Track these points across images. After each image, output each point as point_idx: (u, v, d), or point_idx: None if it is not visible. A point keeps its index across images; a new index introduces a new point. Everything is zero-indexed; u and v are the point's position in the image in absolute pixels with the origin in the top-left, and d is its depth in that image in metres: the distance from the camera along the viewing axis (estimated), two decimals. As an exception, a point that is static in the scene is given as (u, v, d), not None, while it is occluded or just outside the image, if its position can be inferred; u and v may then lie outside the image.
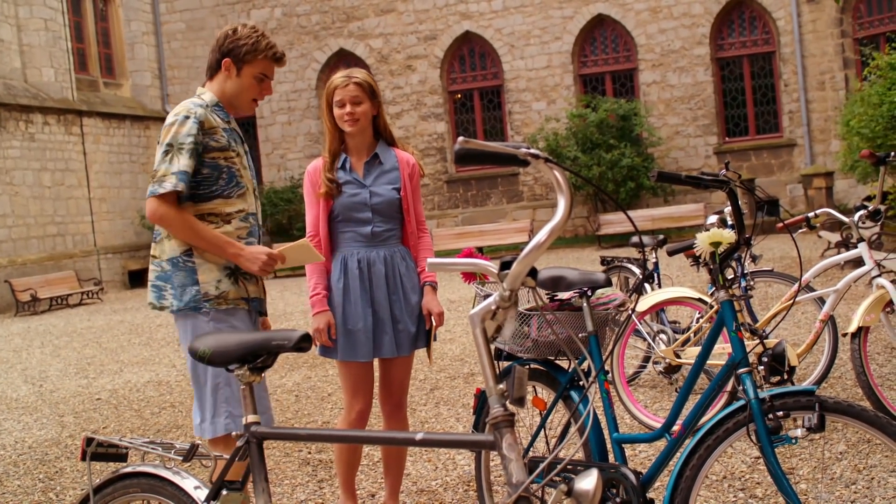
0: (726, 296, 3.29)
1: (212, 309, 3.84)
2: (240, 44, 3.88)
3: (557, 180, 1.99)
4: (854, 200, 20.40)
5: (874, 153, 5.62)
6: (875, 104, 13.57)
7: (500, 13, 24.71)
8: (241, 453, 2.53)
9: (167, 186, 3.71)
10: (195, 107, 3.84)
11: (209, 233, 3.81)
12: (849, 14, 22.35)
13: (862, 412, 2.97)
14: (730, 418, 3.09)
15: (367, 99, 4.37)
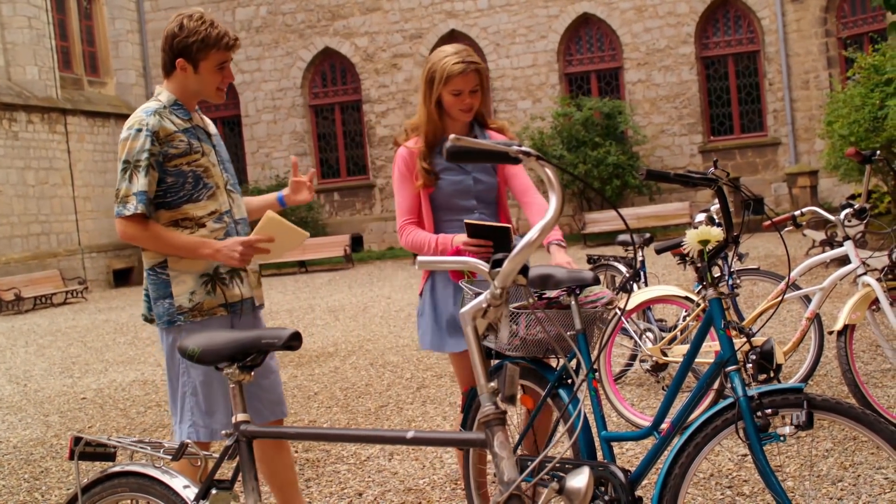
0: (715, 294, 3.29)
1: (186, 322, 3.81)
2: (189, 41, 3.74)
3: (549, 178, 1.99)
4: (838, 199, 20.51)
5: (860, 151, 5.65)
6: (857, 106, 13.63)
7: (485, 12, 24.71)
8: (230, 452, 2.52)
9: (130, 209, 3.68)
10: (147, 116, 3.76)
11: (180, 240, 3.77)
12: (833, 14, 22.44)
13: (850, 409, 2.98)
14: (718, 416, 3.10)
15: (481, 84, 4.14)
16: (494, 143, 2.00)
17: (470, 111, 4.13)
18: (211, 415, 3.84)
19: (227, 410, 3.83)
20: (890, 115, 12.18)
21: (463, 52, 4.09)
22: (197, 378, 3.82)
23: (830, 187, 21.61)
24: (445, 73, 4.05)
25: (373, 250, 25.19)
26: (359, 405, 7.53)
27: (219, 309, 3.85)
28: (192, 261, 3.82)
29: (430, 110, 4.15)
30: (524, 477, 2.01)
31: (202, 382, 3.83)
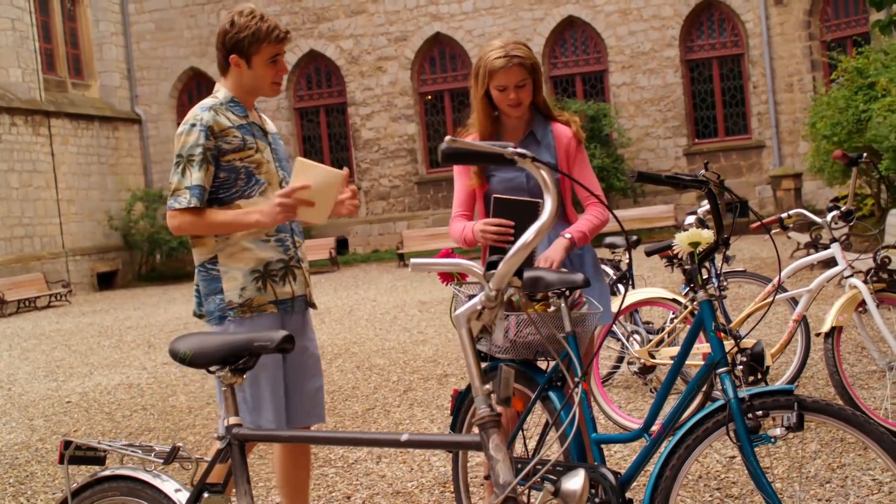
0: (705, 296, 3.29)
1: (237, 317, 3.80)
2: (241, 37, 3.77)
3: (544, 179, 1.98)
4: (822, 201, 20.58)
5: (846, 154, 5.67)
6: (841, 108, 13.69)
7: (470, 15, 24.72)
8: (222, 455, 2.51)
9: (182, 202, 3.71)
10: (202, 112, 3.79)
11: (226, 216, 3.77)
12: (816, 17, 22.53)
13: (840, 411, 2.99)
14: (709, 418, 3.10)
15: (530, 77, 3.99)
16: (490, 144, 2.00)
17: (518, 106, 4.01)
18: (258, 412, 3.81)
19: (273, 407, 3.82)
20: (873, 117, 12.23)
21: (509, 46, 3.98)
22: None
23: (814, 190, 21.69)
24: (488, 67, 3.97)
25: (358, 253, 25.17)
26: (346, 408, 7.52)
27: (269, 306, 3.85)
28: (243, 256, 3.83)
29: (479, 106, 4.08)
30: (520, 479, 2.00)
31: (248, 379, 3.76)
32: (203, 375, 9.60)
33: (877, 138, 11.17)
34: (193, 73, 26.21)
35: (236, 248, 3.83)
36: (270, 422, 3.77)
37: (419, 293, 15.53)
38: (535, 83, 4.03)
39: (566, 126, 4.14)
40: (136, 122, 26.11)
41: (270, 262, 3.86)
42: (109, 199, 24.50)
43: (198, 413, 7.90)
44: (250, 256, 3.83)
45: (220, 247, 3.83)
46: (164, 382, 9.52)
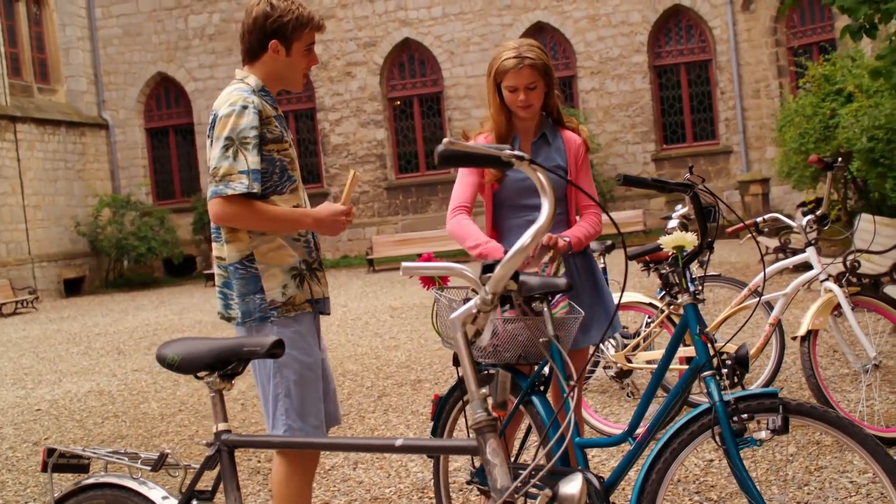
0: (690, 299, 3.29)
1: (280, 317, 3.61)
2: (284, 21, 3.54)
3: (540, 182, 1.98)
4: (789, 206, 20.75)
5: (822, 159, 5.71)
6: (808, 115, 13.80)
7: (439, 20, 24.74)
8: (211, 462, 2.48)
9: (237, 187, 3.44)
10: (249, 95, 3.54)
11: (281, 213, 3.58)
12: (783, 23, 22.72)
13: (825, 414, 3.01)
14: (695, 421, 3.10)
15: (541, 79, 3.95)
16: (486, 146, 1.99)
17: (528, 108, 3.97)
18: (304, 418, 3.61)
19: (318, 412, 3.66)
20: (841, 123, 12.33)
21: (523, 47, 3.94)
22: (290, 378, 3.59)
23: (781, 195, 21.85)
24: (498, 67, 3.93)
25: (327, 259, 25.08)
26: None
27: (306, 304, 3.67)
28: (280, 255, 3.63)
29: (493, 106, 4.03)
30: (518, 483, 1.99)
31: (296, 382, 3.60)
32: (174, 382, 9.54)
33: (849, 141, 11.26)
34: (161, 78, 26.05)
35: (273, 245, 3.62)
36: (316, 427, 3.61)
37: (389, 298, 15.50)
38: (549, 86, 4.00)
39: (575, 133, 4.17)
40: (104, 127, 25.90)
41: (303, 260, 3.70)
42: (76, 204, 24.30)
43: (170, 420, 7.84)
44: (286, 254, 3.64)
45: (255, 243, 3.61)
46: (135, 389, 9.44)
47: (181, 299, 19.74)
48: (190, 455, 6.62)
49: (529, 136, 4.10)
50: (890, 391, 6.30)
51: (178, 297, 20.54)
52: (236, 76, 3.74)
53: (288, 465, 3.61)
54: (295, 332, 3.63)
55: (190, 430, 7.38)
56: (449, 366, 8.94)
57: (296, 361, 3.60)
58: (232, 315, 3.69)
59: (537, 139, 4.10)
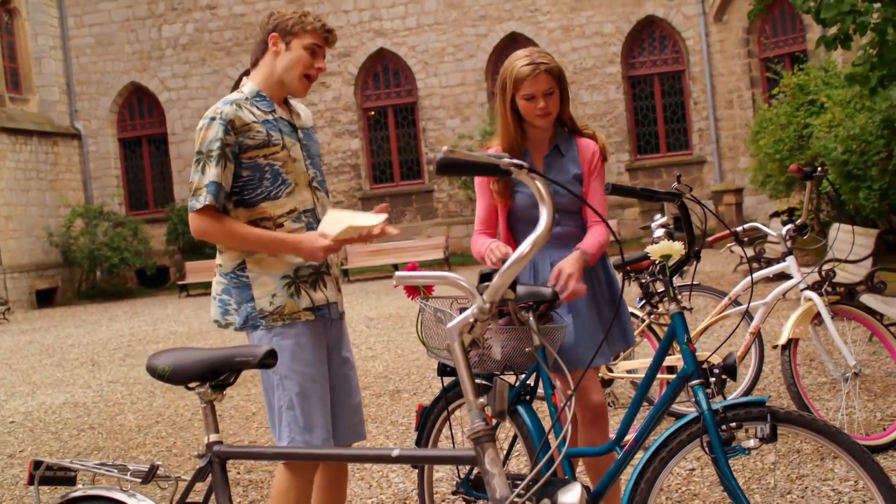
0: (678, 308, 3.28)
1: (268, 325, 3.60)
2: (285, 18, 3.62)
3: (539, 191, 1.97)
4: (763, 216, 20.88)
5: (801, 168, 5.74)
6: (783, 124, 13.89)
7: (414, 30, 24.77)
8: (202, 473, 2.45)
9: (201, 201, 3.49)
10: (223, 106, 3.56)
11: (257, 235, 3.57)
12: (755, 35, 22.89)
13: (813, 422, 3.01)
14: (683, 430, 3.09)
15: (557, 86, 3.84)
16: (486, 155, 1.98)
17: (547, 116, 3.86)
18: (310, 430, 3.56)
19: (324, 424, 3.60)
20: (814, 133, 12.42)
21: (534, 54, 3.85)
22: (293, 390, 3.57)
23: (755, 205, 21.98)
24: (514, 76, 3.82)
25: (302, 269, 25.00)
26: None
27: (304, 313, 3.63)
28: (273, 262, 3.62)
29: (505, 119, 3.92)
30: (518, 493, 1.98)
31: (298, 395, 3.57)
32: (150, 394, 9.48)
33: (823, 151, 11.34)
34: (134, 87, 25.94)
35: (264, 253, 3.63)
36: (323, 440, 3.55)
37: (365, 309, 15.46)
38: (564, 95, 3.91)
39: (591, 139, 4.04)
40: (76, 137, 25.75)
41: (300, 267, 3.66)
42: (48, 215, 24.13)
43: (147, 431, 7.78)
44: (280, 262, 3.63)
45: (248, 252, 3.64)
46: (110, 401, 9.36)
47: (155, 310, 19.62)
48: (170, 467, 6.56)
49: (543, 148, 4.00)
50: (868, 399, 6.33)
51: (151, 308, 20.41)
52: (240, 85, 3.78)
53: (290, 475, 3.57)
54: (295, 343, 3.60)
55: (167, 442, 7.33)
56: (427, 376, 8.92)
57: (297, 374, 3.56)
58: (230, 321, 3.68)
59: (550, 151, 3.99)
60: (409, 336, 11.62)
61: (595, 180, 3.97)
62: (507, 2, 24.40)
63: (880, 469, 2.95)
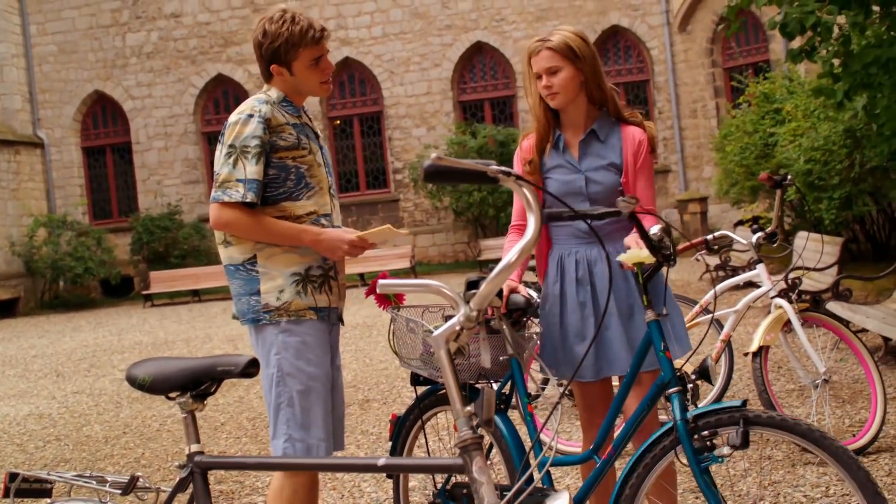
0: (653, 316, 3.23)
1: (272, 320, 3.60)
2: (276, 46, 3.59)
3: (527, 198, 1.97)
4: (727, 224, 21.03)
5: (772, 176, 5.78)
6: (749, 132, 14.01)
7: (379, 39, 24.76)
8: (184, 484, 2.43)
9: (234, 196, 3.50)
10: (260, 104, 3.59)
11: (280, 226, 3.58)
12: (718, 45, 23.08)
13: (795, 425, 2.90)
14: (657, 444, 3.04)
15: (569, 63, 3.63)
16: (474, 162, 1.97)
17: (554, 95, 3.68)
18: (307, 429, 3.56)
19: (324, 424, 3.59)
20: (780, 142, 12.53)
21: (554, 32, 3.69)
22: (294, 387, 3.56)
23: (719, 213, 22.14)
24: (527, 55, 3.72)
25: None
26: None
27: (308, 312, 3.63)
28: (284, 258, 3.63)
29: (533, 101, 3.79)
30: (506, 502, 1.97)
31: (300, 392, 3.56)
32: (116, 405, 9.39)
33: (786, 162, 11.44)
34: (98, 96, 25.73)
35: (277, 249, 3.63)
36: (321, 440, 3.55)
37: (333, 318, 15.39)
38: (585, 74, 3.68)
39: (639, 128, 3.80)
40: (39, 145, 25.50)
41: (311, 266, 3.66)
42: (10, 224, 23.86)
43: (115, 443, 7.70)
44: (291, 259, 3.64)
45: (259, 246, 3.63)
46: (76, 412, 9.27)
47: (119, 320, 19.46)
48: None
49: (578, 133, 3.79)
50: (836, 405, 6.39)
51: (115, 318, 20.24)
52: (263, 89, 3.78)
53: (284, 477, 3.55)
54: (301, 341, 3.60)
55: (136, 453, 7.26)
56: (397, 385, 8.90)
57: (301, 372, 3.56)
58: (236, 315, 3.73)
59: (586, 136, 3.77)
60: (378, 345, 11.59)
61: (641, 172, 3.75)
62: (473, 11, 24.45)
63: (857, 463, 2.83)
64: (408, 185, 24.33)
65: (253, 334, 3.71)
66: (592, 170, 3.72)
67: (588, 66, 3.66)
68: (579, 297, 3.75)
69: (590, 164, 3.73)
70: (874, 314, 7.59)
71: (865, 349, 5.55)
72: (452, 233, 24.50)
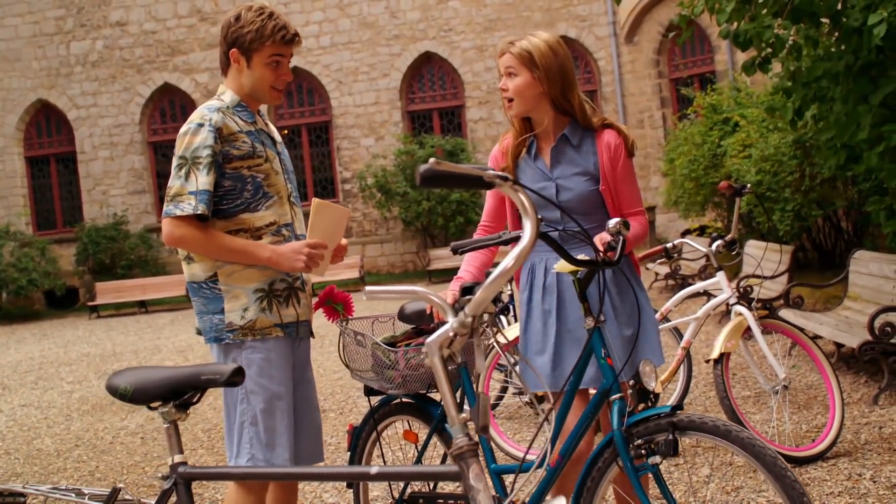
0: (594, 323, 3.15)
1: (236, 340, 3.49)
2: (244, 32, 3.48)
3: (523, 204, 1.96)
4: (673, 234, 21.23)
5: (731, 185, 5.84)
6: (697, 143, 14.14)
7: (328, 49, 24.69)
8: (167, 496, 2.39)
9: (185, 209, 3.36)
10: (210, 112, 3.47)
11: (236, 243, 3.46)
12: (664, 56, 23.32)
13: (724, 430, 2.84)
14: (600, 456, 3.03)
15: (526, 71, 3.59)
16: (470, 167, 1.95)
17: (509, 103, 3.68)
18: (272, 448, 3.48)
19: (288, 443, 3.51)
20: (728, 152, 12.66)
21: (523, 36, 3.65)
22: (257, 406, 3.47)
23: (666, 223, 22.33)
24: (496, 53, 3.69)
25: (215, 289, 24.67)
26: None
27: (274, 329, 3.54)
28: (246, 275, 3.51)
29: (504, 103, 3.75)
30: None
31: (263, 411, 3.48)
32: (66, 417, 9.25)
33: (737, 173, 11.57)
34: (42, 105, 25.36)
35: (238, 267, 3.52)
36: (285, 460, 3.47)
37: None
38: (544, 84, 3.61)
39: (614, 134, 3.72)
40: (-20, 155, 25.09)
41: (274, 280, 3.57)
42: (-49, 235, 23.44)
43: (67, 456, 7.58)
44: (253, 275, 3.53)
45: (219, 264, 3.52)
46: (24, 425, 9.11)
47: (65, 332, 19.17)
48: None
49: (550, 139, 3.72)
50: (792, 411, 6.46)
51: (61, 329, 19.94)
52: (218, 91, 3.68)
53: (243, 493, 3.45)
54: (265, 358, 3.51)
55: (90, 466, 7.14)
56: (352, 395, 8.86)
57: (264, 390, 3.48)
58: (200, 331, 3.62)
59: (557, 143, 3.70)
60: (330, 355, 11.53)
61: (621, 174, 3.68)
62: (421, 21, 24.47)
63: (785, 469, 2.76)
64: (356, 195, 24.26)
65: (215, 350, 3.61)
66: (564, 177, 3.67)
67: (549, 76, 3.59)
68: (545, 304, 3.70)
69: (562, 172, 3.68)
70: (826, 321, 7.69)
71: (823, 355, 5.62)
72: (401, 242, 24.47)
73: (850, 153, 7.79)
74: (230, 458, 3.55)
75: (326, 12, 24.68)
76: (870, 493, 4.71)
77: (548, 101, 3.66)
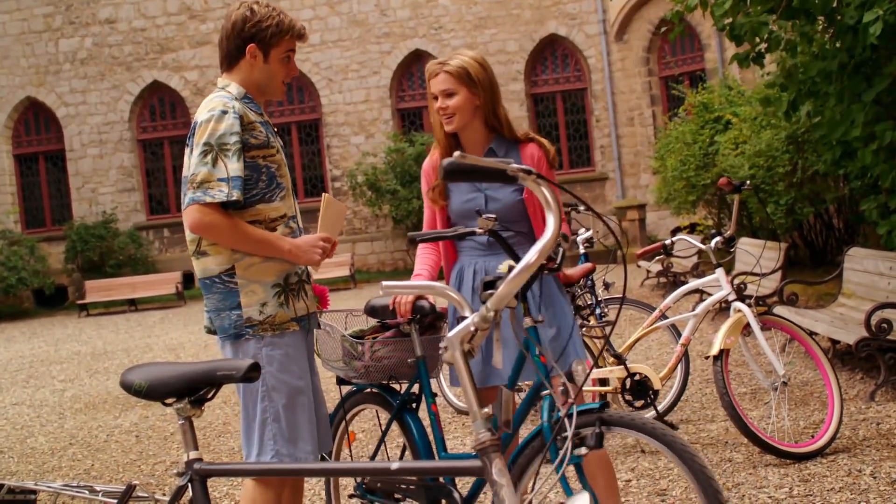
0: (531, 321, 3.17)
1: (256, 335, 3.46)
2: (263, 26, 3.45)
3: (545, 197, 1.95)
4: (664, 231, 21.27)
5: (731, 181, 5.84)
6: (688, 142, 14.14)
7: (317, 47, 24.64)
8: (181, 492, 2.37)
9: (217, 195, 3.30)
10: (230, 100, 3.43)
11: (259, 234, 3.43)
12: (654, 54, 23.36)
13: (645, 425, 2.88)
14: (527, 446, 3.03)
15: (464, 88, 3.73)
16: (494, 160, 1.95)
17: (450, 118, 3.78)
18: (294, 443, 3.44)
19: (311, 437, 3.48)
20: (720, 151, 12.68)
21: (452, 55, 3.82)
22: (280, 402, 3.43)
23: (657, 220, 22.37)
24: (426, 75, 3.83)
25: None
26: (220, 444, 7.31)
27: (291, 324, 3.51)
28: (264, 268, 3.48)
29: (433, 122, 3.88)
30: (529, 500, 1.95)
31: (285, 406, 3.44)
32: (59, 416, 9.21)
33: (730, 170, 11.58)
34: (30, 102, 25.26)
35: (256, 259, 3.47)
36: (308, 453, 3.44)
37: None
38: (481, 99, 3.78)
39: (536, 146, 3.91)
40: (-32, 153, 24.97)
41: (289, 274, 3.54)
42: (-64, 235, 23.33)
43: (61, 454, 7.55)
44: (271, 268, 3.50)
45: (237, 257, 3.46)
46: (17, 424, 9.07)
47: (54, 330, 19.10)
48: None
49: (478, 153, 3.86)
50: (790, 408, 6.46)
51: (50, 328, 19.87)
52: (218, 84, 3.63)
53: (261, 489, 3.41)
54: (284, 353, 3.48)
55: (85, 465, 7.11)
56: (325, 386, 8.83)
57: (285, 385, 3.46)
58: (215, 328, 3.58)
59: (485, 155, 3.85)
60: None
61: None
62: (412, 19, 24.45)
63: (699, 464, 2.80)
64: (346, 192, 24.21)
65: (229, 348, 3.57)
66: (493, 188, 3.82)
67: (484, 91, 3.77)
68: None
69: (490, 184, 3.80)
70: (822, 318, 7.71)
71: (822, 352, 5.63)
72: (392, 240, 24.46)
73: (844, 148, 7.81)
74: (250, 456, 3.50)
75: (316, 10, 24.63)
76: (871, 489, 4.72)
77: (480, 116, 3.84)
